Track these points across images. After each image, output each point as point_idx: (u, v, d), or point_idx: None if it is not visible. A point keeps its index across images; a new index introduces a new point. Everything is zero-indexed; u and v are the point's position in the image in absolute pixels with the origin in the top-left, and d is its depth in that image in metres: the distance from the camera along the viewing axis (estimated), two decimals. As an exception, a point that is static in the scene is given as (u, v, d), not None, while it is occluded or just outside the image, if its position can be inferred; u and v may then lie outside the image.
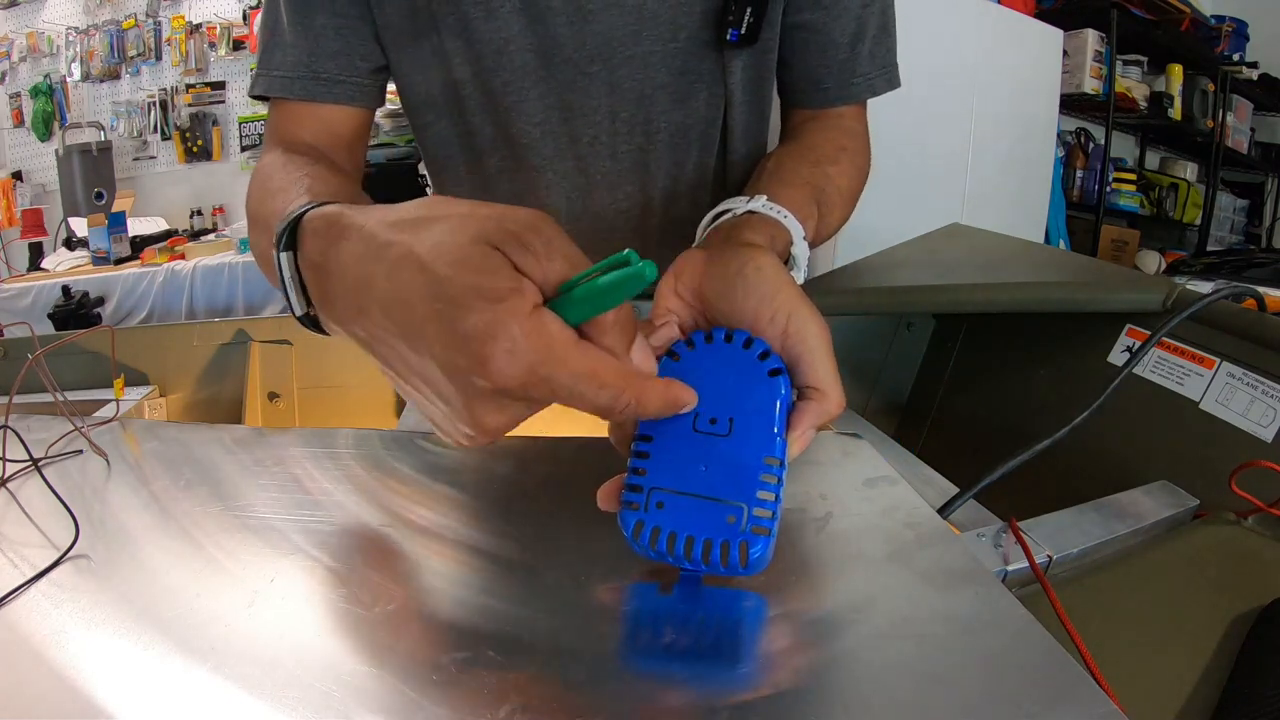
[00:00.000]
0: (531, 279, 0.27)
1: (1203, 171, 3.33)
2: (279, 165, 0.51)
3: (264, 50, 0.59)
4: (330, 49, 0.58)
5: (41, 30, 3.06)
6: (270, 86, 0.58)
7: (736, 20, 0.58)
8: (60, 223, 2.81)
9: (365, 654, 0.30)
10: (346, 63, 0.59)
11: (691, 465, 0.33)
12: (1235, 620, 0.37)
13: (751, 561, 0.31)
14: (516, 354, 0.26)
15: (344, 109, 0.60)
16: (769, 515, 0.32)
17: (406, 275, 0.28)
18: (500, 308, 0.26)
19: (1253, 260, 2.71)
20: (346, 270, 0.31)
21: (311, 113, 0.59)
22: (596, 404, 0.28)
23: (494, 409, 0.28)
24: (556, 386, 0.27)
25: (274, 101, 0.60)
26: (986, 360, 0.77)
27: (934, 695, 0.27)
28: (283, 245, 0.35)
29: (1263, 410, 0.51)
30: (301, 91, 0.58)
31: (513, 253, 0.27)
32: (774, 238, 0.45)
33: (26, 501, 0.43)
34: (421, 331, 0.28)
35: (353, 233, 0.31)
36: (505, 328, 0.26)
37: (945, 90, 1.73)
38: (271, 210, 0.44)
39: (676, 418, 0.34)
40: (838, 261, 0.90)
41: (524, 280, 0.27)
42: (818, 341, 0.35)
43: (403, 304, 0.28)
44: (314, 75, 0.58)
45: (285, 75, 0.58)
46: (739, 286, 0.37)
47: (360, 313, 0.31)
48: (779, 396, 0.34)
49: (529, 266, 0.27)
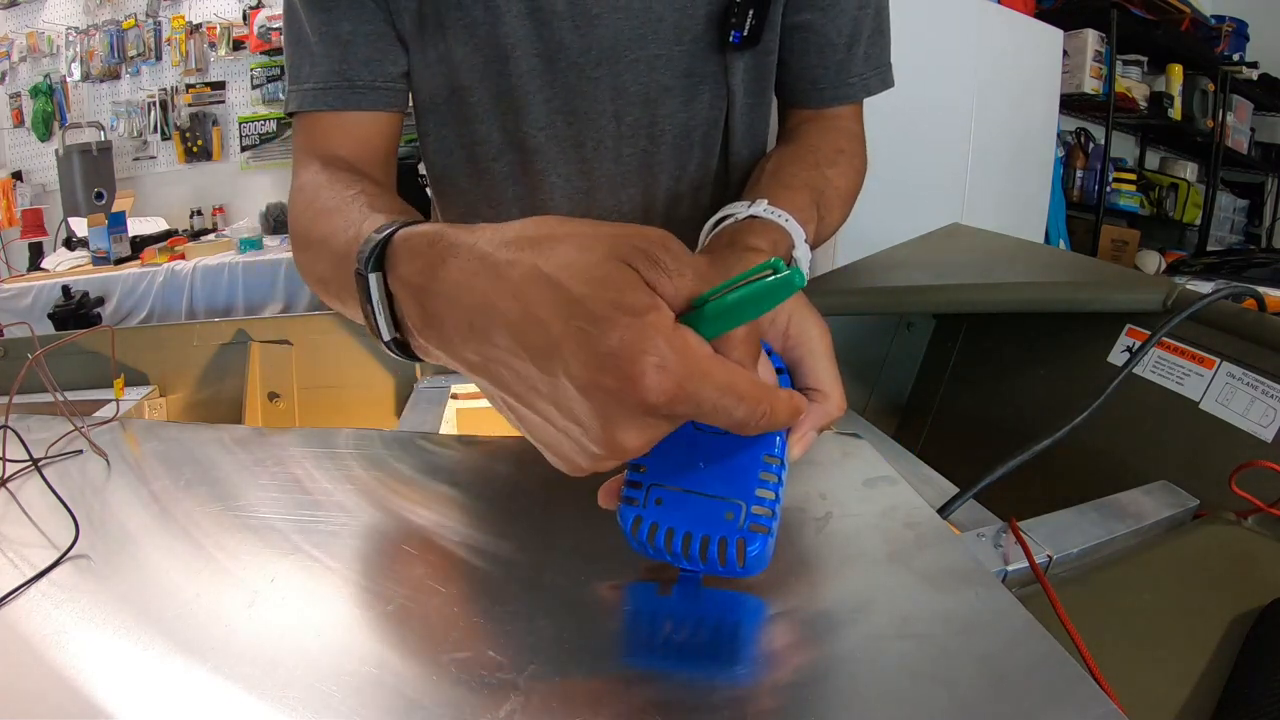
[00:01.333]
0: (664, 295, 0.27)
1: (1203, 171, 3.33)
2: (324, 183, 0.50)
3: (293, 67, 0.58)
4: (361, 55, 0.57)
5: (41, 30, 3.06)
6: (304, 101, 0.57)
7: (739, 22, 0.58)
8: (60, 223, 2.81)
9: (365, 654, 0.30)
10: (379, 68, 0.58)
11: (691, 463, 0.33)
12: (1235, 620, 0.37)
13: (749, 560, 0.31)
14: (667, 369, 0.25)
15: (378, 116, 0.59)
16: (768, 514, 0.32)
17: (536, 294, 0.27)
18: (645, 323, 0.25)
19: (1253, 260, 2.71)
20: (460, 291, 0.29)
21: (343, 126, 0.58)
22: (735, 418, 0.28)
23: (636, 428, 0.27)
24: (702, 401, 0.27)
25: (301, 117, 0.58)
26: (986, 360, 0.77)
27: (934, 695, 0.27)
28: (371, 265, 0.33)
29: (1263, 410, 0.51)
30: (337, 101, 0.57)
31: (644, 269, 0.27)
32: (776, 243, 0.45)
33: (26, 501, 0.43)
34: (557, 351, 0.27)
35: (463, 251, 0.30)
36: (654, 343, 0.25)
37: (945, 90, 1.74)
38: (330, 230, 0.43)
39: None
40: (838, 262, 0.90)
41: (659, 296, 0.27)
42: (819, 344, 0.35)
43: (535, 323, 0.27)
44: (348, 83, 0.57)
45: (318, 86, 0.57)
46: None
47: (476, 334, 0.29)
48: None
49: (661, 283, 0.27)
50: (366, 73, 0.58)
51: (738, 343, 0.28)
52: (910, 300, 0.73)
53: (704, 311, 0.27)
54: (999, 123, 1.92)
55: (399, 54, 0.59)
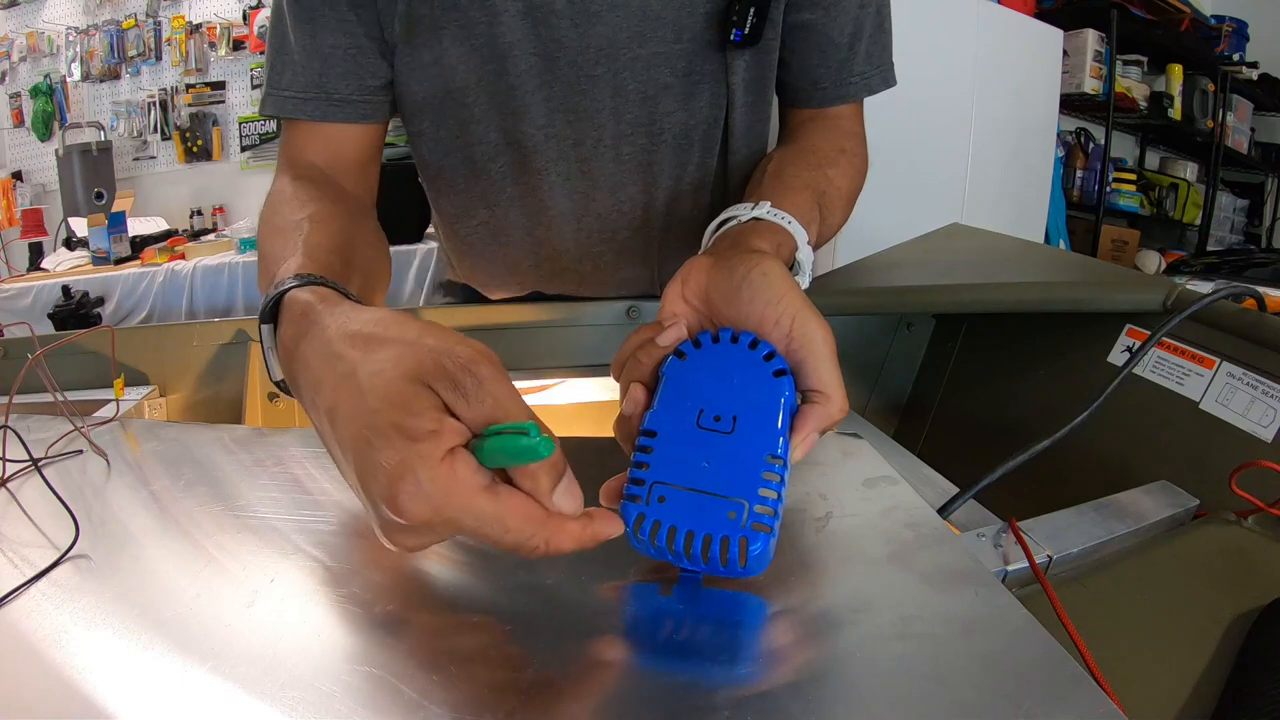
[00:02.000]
0: (460, 418, 0.29)
1: (1203, 171, 3.33)
2: (286, 197, 0.53)
3: (272, 70, 0.59)
4: (340, 69, 0.58)
5: (41, 30, 3.05)
6: (282, 107, 0.59)
7: (740, 20, 0.58)
8: (60, 223, 2.80)
9: (365, 654, 0.30)
10: (357, 82, 0.59)
11: (694, 461, 0.33)
12: (1235, 620, 0.37)
13: (751, 559, 0.31)
14: (420, 496, 0.27)
15: (355, 128, 0.61)
16: (770, 513, 0.31)
17: (345, 395, 0.30)
18: (413, 450, 0.28)
19: (1253, 260, 2.71)
20: (309, 365, 0.33)
21: (321, 133, 0.60)
22: (503, 544, 0.29)
23: (402, 533, 0.30)
24: (462, 526, 0.29)
25: (286, 120, 0.60)
26: (986, 360, 0.77)
27: (934, 695, 0.27)
28: (265, 318, 0.39)
29: (1263, 410, 0.51)
30: (314, 112, 0.59)
31: (443, 391, 0.29)
32: (780, 244, 0.45)
33: (26, 501, 0.43)
34: (347, 449, 0.30)
35: (316, 334, 0.34)
36: (413, 470, 0.27)
37: (945, 90, 1.74)
38: (270, 253, 0.47)
39: (681, 415, 0.34)
40: (838, 262, 0.90)
41: (447, 421, 0.29)
42: (822, 346, 0.36)
43: (340, 418, 0.30)
44: (325, 96, 0.58)
45: (296, 95, 0.58)
46: (745, 291, 0.37)
47: (312, 406, 0.33)
48: (783, 396, 0.34)
49: (458, 406, 0.29)
50: (344, 86, 0.59)
51: (529, 471, 0.29)
52: (910, 300, 0.72)
53: (484, 446, 0.28)
54: (999, 123, 1.92)
55: (380, 67, 0.60)
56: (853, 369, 0.85)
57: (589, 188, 0.67)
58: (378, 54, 0.59)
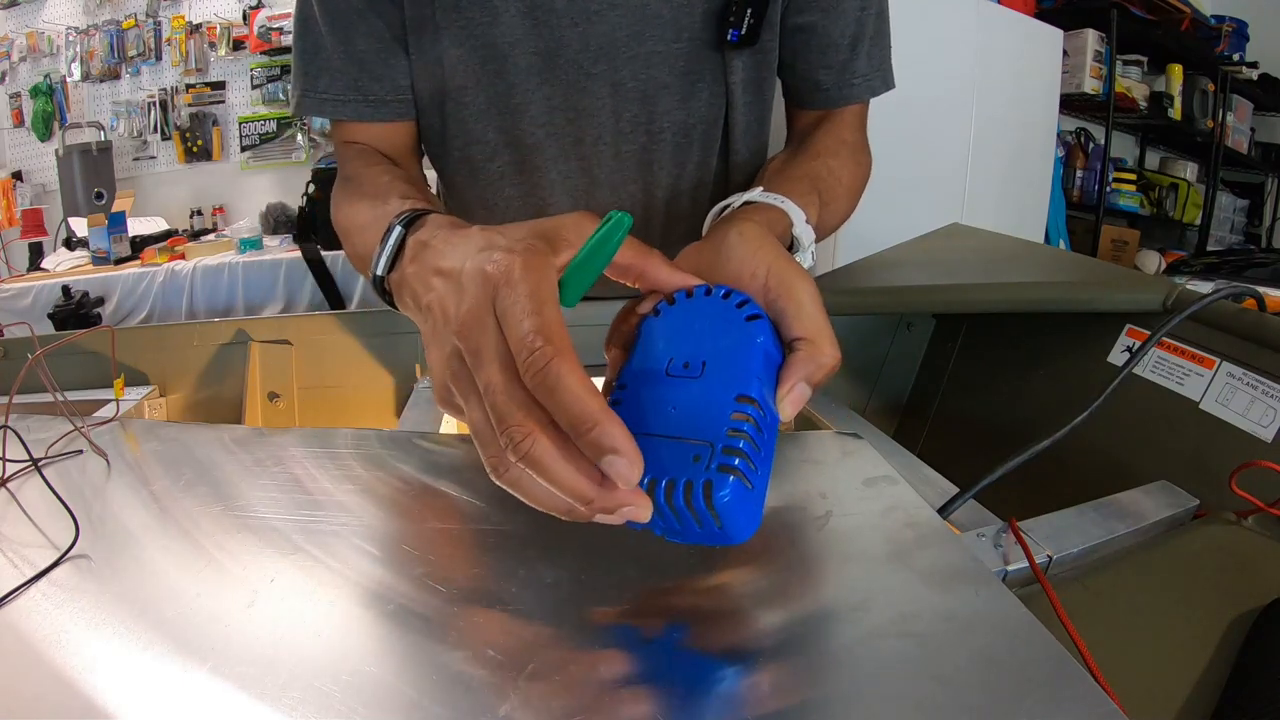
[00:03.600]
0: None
1: (1203, 171, 3.33)
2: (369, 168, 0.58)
3: (306, 74, 0.60)
4: (374, 72, 0.60)
5: (41, 30, 3.05)
6: (323, 108, 0.60)
7: (737, 21, 0.58)
8: (60, 223, 2.80)
9: (365, 654, 0.30)
10: (390, 83, 0.61)
11: (661, 408, 0.31)
12: (1235, 620, 0.37)
13: (720, 506, 0.28)
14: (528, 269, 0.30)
15: (391, 126, 0.63)
16: (741, 456, 0.29)
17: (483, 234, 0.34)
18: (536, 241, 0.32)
19: (1253, 260, 2.71)
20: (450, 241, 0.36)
21: (365, 130, 0.62)
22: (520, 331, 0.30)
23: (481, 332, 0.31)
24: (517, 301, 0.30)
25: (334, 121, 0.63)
26: (986, 360, 0.77)
27: (934, 695, 0.27)
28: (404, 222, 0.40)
29: (1263, 410, 0.51)
30: (353, 114, 0.61)
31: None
32: (772, 221, 0.45)
33: (26, 501, 0.43)
34: (465, 274, 0.32)
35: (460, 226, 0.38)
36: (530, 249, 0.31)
37: (945, 90, 1.73)
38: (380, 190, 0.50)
39: (650, 365, 0.33)
40: (838, 261, 0.90)
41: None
42: (802, 293, 0.34)
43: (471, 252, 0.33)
44: (364, 98, 0.60)
45: (336, 98, 0.60)
46: (722, 253, 0.37)
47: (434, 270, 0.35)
48: (754, 339, 0.32)
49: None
50: (378, 88, 0.61)
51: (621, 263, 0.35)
52: (910, 300, 0.72)
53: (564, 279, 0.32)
54: (999, 123, 1.92)
55: (405, 64, 0.61)
56: (853, 369, 0.85)
57: (589, 186, 0.67)
58: (403, 53, 0.61)
